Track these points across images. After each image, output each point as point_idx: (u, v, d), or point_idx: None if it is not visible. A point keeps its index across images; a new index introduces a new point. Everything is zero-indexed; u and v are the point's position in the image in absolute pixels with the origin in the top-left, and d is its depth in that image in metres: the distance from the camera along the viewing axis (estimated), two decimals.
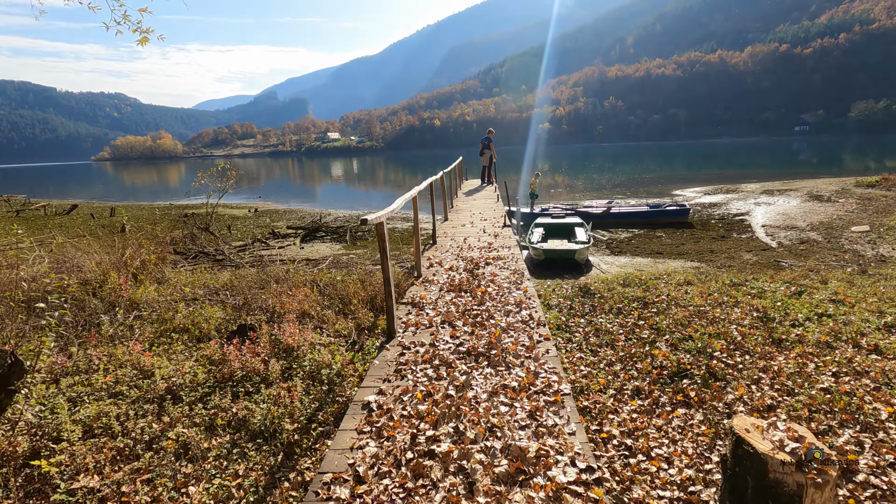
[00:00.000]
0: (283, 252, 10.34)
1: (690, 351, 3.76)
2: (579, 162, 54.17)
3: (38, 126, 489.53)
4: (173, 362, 3.72)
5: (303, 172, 64.46)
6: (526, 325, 3.73)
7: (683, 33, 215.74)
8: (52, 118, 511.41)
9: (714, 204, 15.36)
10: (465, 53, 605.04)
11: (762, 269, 7.33)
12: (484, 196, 12.49)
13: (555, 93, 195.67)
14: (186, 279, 6.51)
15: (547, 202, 18.43)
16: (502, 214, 9.26)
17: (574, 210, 13.11)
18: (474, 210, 10.13)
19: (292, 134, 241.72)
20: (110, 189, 41.04)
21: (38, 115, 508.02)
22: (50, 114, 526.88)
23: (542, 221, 10.60)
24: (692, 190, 20.79)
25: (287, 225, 13.72)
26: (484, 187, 14.60)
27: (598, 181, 27.85)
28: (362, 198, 26.56)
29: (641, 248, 9.40)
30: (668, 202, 14.49)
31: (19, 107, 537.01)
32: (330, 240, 11.70)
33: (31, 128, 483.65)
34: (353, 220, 15.28)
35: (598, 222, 12.26)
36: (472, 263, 5.59)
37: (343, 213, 17.75)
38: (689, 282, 5.87)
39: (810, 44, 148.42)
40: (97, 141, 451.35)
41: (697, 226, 11.75)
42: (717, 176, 28.40)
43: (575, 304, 5.17)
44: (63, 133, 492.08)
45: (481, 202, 11.31)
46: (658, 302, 5.03)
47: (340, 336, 4.43)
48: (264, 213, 18.29)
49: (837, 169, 30.36)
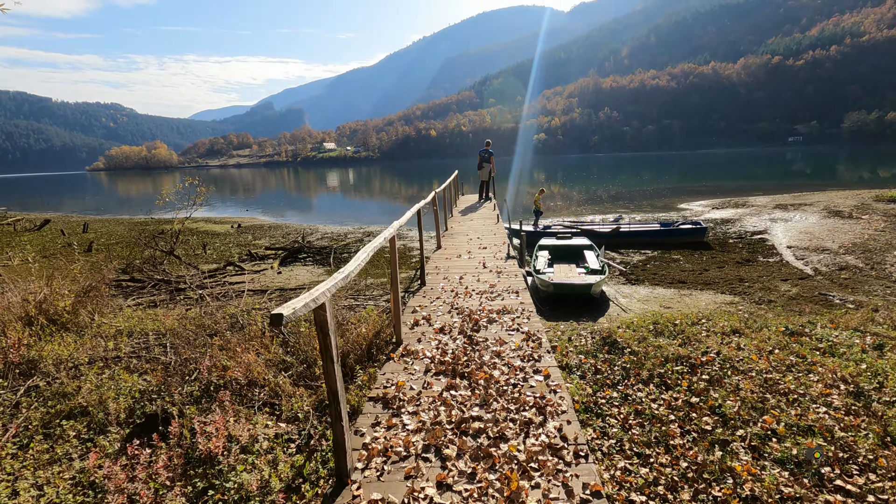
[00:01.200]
0: (257, 278, 9.20)
1: (784, 462, 2.65)
2: (576, 173, 53.45)
3: (33, 136, 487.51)
4: (35, 482, 2.56)
5: (297, 183, 63.43)
6: (558, 458, 2.35)
7: (677, 45, 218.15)
8: (46, 128, 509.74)
9: (727, 220, 14.36)
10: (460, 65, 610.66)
11: (808, 305, 6.27)
12: (483, 216, 11.43)
13: (550, 103, 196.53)
14: (122, 323, 5.36)
15: (547, 217, 17.45)
16: (504, 241, 8.17)
17: (579, 228, 12.06)
18: (472, 234, 9.03)
19: (288, 144, 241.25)
20: (98, 200, 39.76)
21: (34, 125, 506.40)
22: (45, 124, 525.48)
23: (546, 243, 9.51)
24: (699, 204, 19.85)
25: (267, 245, 12.58)
26: (482, 204, 13.53)
27: (598, 194, 26.92)
28: (357, 209, 25.45)
29: (660, 275, 8.32)
30: (681, 219, 13.47)
31: (14, 117, 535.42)
32: (312, 262, 10.57)
33: (26, 138, 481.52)
34: (341, 237, 14.17)
35: (606, 242, 11.22)
36: (469, 320, 4.33)
37: (332, 228, 16.64)
38: (736, 330, 4.78)
39: (802, 56, 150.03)
40: (92, 151, 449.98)
41: (715, 246, 10.71)
42: (720, 188, 27.57)
43: (600, 365, 4.06)
44: (58, 143, 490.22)
45: (480, 223, 10.23)
46: (708, 363, 3.94)
47: (295, 420, 3.30)
48: (248, 228, 17.15)
49: (833, 180, 29.66)
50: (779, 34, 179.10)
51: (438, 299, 5.04)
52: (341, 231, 15.86)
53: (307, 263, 10.53)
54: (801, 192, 22.41)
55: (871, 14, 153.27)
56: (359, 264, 2.90)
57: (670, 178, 39.62)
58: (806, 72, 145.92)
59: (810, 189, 23.97)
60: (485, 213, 11.93)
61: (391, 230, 3.81)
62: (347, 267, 2.66)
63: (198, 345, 4.77)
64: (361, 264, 2.96)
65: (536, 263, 8.14)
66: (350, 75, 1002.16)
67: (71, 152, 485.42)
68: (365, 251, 3.11)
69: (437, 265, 6.69)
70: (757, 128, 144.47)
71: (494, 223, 10.15)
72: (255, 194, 41.84)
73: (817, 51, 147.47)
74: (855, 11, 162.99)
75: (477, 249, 7.59)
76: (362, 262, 2.92)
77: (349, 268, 2.66)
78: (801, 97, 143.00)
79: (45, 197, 48.89)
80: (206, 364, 4.03)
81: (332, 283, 2.27)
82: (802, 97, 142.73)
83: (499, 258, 6.89)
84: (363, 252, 3.08)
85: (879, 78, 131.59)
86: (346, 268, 2.63)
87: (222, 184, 68.33)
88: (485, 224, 10.08)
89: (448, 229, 9.60)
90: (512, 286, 5.38)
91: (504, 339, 3.86)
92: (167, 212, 23.46)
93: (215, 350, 4.35)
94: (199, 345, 4.77)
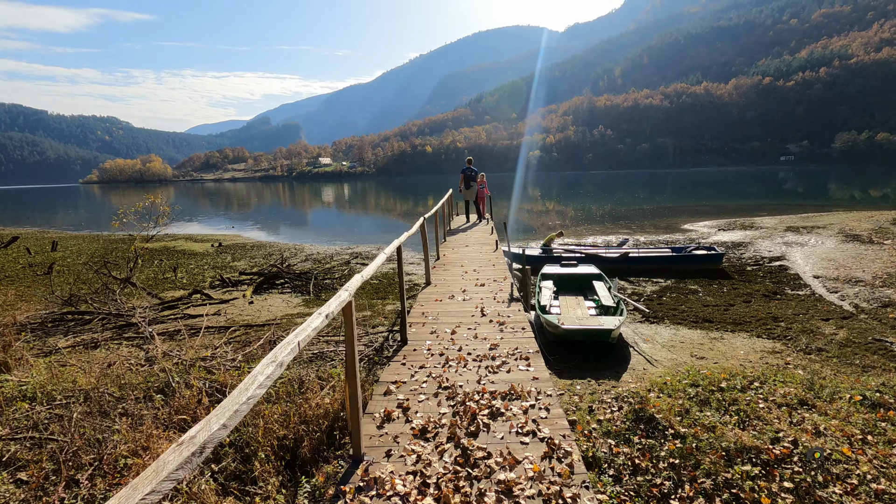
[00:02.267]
0: (225, 309, 8.12)
1: None
2: (572, 190, 52.99)
3: (27, 148, 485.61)
4: None
5: (291, 197, 62.55)
6: None
7: (669, 65, 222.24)
8: (41, 140, 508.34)
9: (738, 244, 13.49)
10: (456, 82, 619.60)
11: (866, 355, 5.29)
12: (479, 240, 10.36)
13: (545, 121, 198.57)
14: (31, 379, 4.27)
15: None
16: (506, 275, 7.16)
17: (583, 253, 11.10)
18: (467, 263, 7.99)
19: (284, 159, 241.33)
20: (83, 214, 38.50)
21: (28, 137, 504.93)
22: (40, 136, 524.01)
23: (550, 271, 8.52)
24: (704, 224, 19.05)
25: (242, 269, 11.50)
26: (476, 226, 12.51)
27: (597, 212, 26.15)
28: (349, 224, 24.37)
29: (681, 312, 7.33)
30: (692, 243, 12.54)
31: (9, 129, 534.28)
32: (290, 289, 9.51)
33: (20, 150, 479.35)
34: (326, 259, 13.13)
35: (613, 268, 10.27)
36: (464, 412, 3.06)
37: (318, 248, 15.60)
38: (803, 401, 3.77)
39: (792, 77, 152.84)
40: (86, 163, 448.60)
41: (733, 275, 9.78)
42: (722, 208, 26.90)
43: (638, 458, 3.03)
44: (52, 155, 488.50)
45: (476, 251, 9.18)
46: (784, 457, 2.92)
47: None
48: (229, 247, 16.06)
49: (829, 200, 29.17)
50: (769, 56, 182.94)
51: (423, 369, 3.87)
52: (327, 252, 14.81)
53: (284, 290, 9.47)
54: (808, 212, 21.73)
55: (858, 38, 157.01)
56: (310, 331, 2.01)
57: (667, 196, 39.15)
58: (796, 93, 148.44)
59: (815, 210, 23.32)
60: (481, 236, 10.90)
61: (350, 290, 2.68)
62: None
63: (114, 417, 3.70)
64: (311, 334, 2.00)
65: (541, 297, 7.13)
66: (347, 91, 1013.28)
67: (65, 165, 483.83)
68: (315, 318, 2.10)
69: (424, 309, 5.61)
70: (749, 147, 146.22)
71: (492, 251, 9.10)
72: (248, 209, 40.78)
73: (807, 72, 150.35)
74: (843, 35, 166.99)
75: (473, 286, 6.55)
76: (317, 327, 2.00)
77: None
78: (792, 117, 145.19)
79: (32, 210, 47.59)
80: (107, 452, 2.96)
81: None
82: (793, 117, 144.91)
83: (500, 300, 5.83)
84: (316, 318, 2.08)
85: (868, 99, 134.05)
86: None
87: (216, 198, 67.37)
88: (482, 252, 9.03)
89: (440, 258, 8.55)
90: (520, 347, 4.23)
91: (515, 452, 2.62)
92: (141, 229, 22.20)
93: (124, 430, 3.28)
94: (115, 416, 3.70)
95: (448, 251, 9.16)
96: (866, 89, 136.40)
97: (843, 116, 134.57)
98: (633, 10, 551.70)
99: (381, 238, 18.51)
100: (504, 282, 6.70)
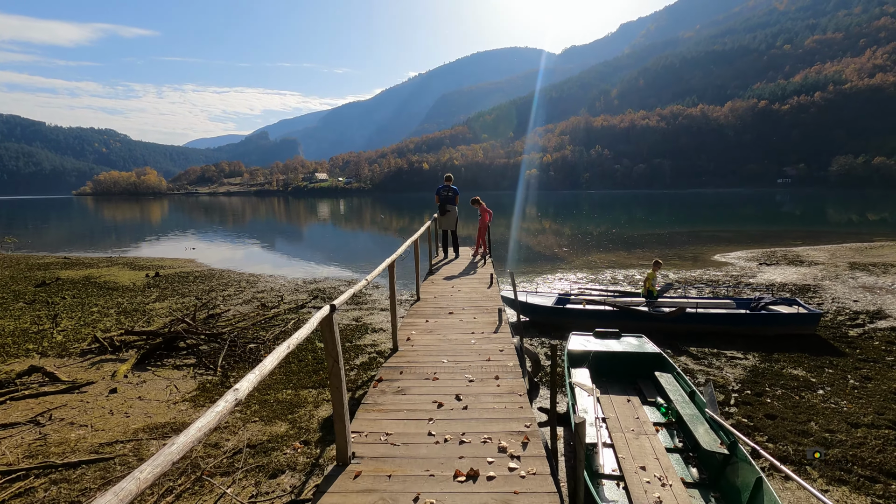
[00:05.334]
0: (66, 402, 5.10)
1: None
2: (574, 211, 50.43)
3: (23, 159, 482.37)
4: None
5: (281, 212, 59.74)
6: None
7: (665, 87, 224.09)
8: (37, 151, 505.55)
9: (803, 288, 10.61)
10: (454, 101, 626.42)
11: None
12: (471, 298, 6.55)
13: (542, 140, 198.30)
14: None
15: (556, 272, 13.57)
16: (513, 360, 4.20)
17: (614, 302, 8.14)
18: (454, 341, 4.81)
19: (280, 173, 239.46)
20: (29, 231, 35.29)
21: (24, 148, 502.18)
22: (36, 147, 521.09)
23: (582, 347, 5.44)
24: (737, 255, 16.23)
25: (130, 329, 8.41)
26: (473, 269, 8.77)
27: (605, 237, 23.31)
28: (330, 245, 21.07)
29: (811, 432, 4.38)
30: (762, 294, 9.36)
31: (6, 139, 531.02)
32: (194, 360, 6.47)
33: (15, 161, 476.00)
34: (275, 301, 10.09)
35: (657, 328, 7.37)
36: None
37: (278, 281, 12.55)
38: None
39: (787, 101, 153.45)
40: (82, 175, 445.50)
41: (836, 342, 6.87)
42: (743, 234, 24.20)
43: None
44: (48, 167, 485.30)
45: (469, 319, 5.56)
46: None
47: None
48: (166, 279, 12.99)
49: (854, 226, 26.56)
50: (763, 80, 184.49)
51: None
52: (286, 286, 11.77)
53: (185, 361, 6.42)
54: (847, 242, 18.98)
55: (851, 63, 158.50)
56: None
57: (676, 218, 36.62)
58: (792, 116, 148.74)
59: (852, 238, 20.63)
60: (474, 287, 7.20)
61: None
62: None
63: None
64: None
65: (576, 402, 4.18)
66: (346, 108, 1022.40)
67: (60, 176, 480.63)
68: None
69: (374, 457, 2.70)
70: (746, 169, 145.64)
71: (493, 323, 5.40)
72: (229, 224, 37.67)
73: (802, 96, 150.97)
74: (836, 61, 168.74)
75: (465, 387, 3.63)
76: None
77: None
78: (788, 140, 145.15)
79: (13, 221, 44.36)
80: None
81: None
82: (789, 140, 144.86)
83: (514, 436, 2.90)
84: None
85: (863, 124, 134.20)
86: None
87: (210, 211, 64.46)
88: (475, 320, 5.53)
89: (412, 334, 5.07)
90: None
91: None
92: (90, 250, 18.61)
93: None
94: None
95: (427, 308, 6.07)
96: (861, 114, 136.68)
97: (838, 140, 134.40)
98: (627, 35, 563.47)
99: (359, 265, 15.50)
100: (515, 378, 3.74)
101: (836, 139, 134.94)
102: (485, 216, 9.95)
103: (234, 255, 18.89)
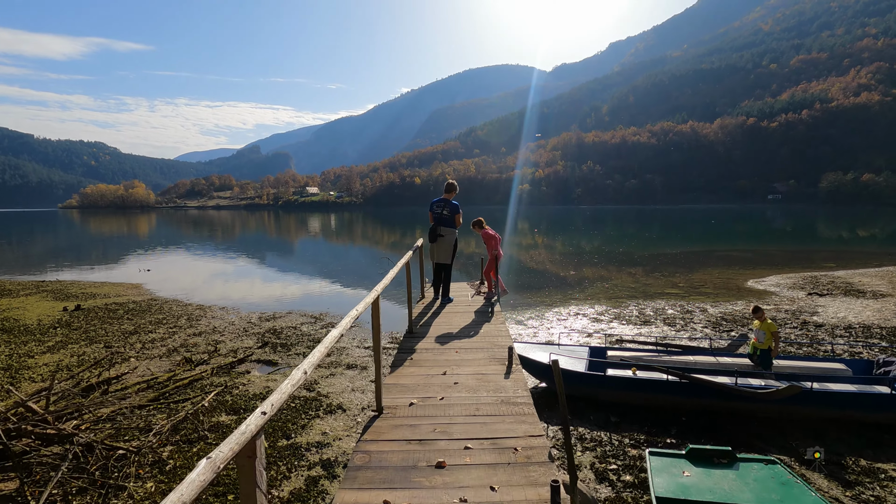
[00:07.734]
0: None
1: None
2: (568, 226, 48.75)
3: (9, 172, 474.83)
4: None
5: (269, 226, 57.43)
6: None
7: (655, 104, 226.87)
8: (24, 164, 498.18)
9: (890, 330, 8.66)
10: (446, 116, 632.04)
11: None
12: (476, 394, 3.81)
13: (534, 155, 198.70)
14: None
15: (570, 305, 11.44)
16: None
17: (672, 369, 5.77)
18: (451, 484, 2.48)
19: (271, 187, 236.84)
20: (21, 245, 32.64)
21: (11, 160, 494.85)
22: (23, 160, 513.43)
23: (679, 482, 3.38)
24: (773, 281, 14.31)
25: None
26: (478, 325, 5.93)
27: (613, 259, 21.36)
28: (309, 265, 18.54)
29: None
30: (882, 350, 7.11)
31: None
32: (17, 479, 4.25)
33: (1, 173, 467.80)
34: (230, 336, 7.87)
35: (746, 409, 5.26)
36: None
37: (228, 317, 10.33)
38: None
39: (776, 118, 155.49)
40: (69, 188, 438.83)
41: None
42: (763, 255, 22.41)
43: None
44: (34, 179, 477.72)
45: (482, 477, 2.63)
46: None
47: None
48: (89, 315, 10.68)
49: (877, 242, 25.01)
50: (751, 98, 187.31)
51: None
52: (231, 325, 9.52)
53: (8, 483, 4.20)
54: (881, 262, 17.21)
55: (836, 82, 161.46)
56: None
57: (682, 236, 35.01)
58: (780, 133, 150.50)
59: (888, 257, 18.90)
60: (480, 371, 4.34)
61: None
62: None
63: None
64: None
65: None
66: (338, 123, 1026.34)
67: (48, 189, 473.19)
68: None
69: None
70: (736, 185, 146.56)
71: (517, 414, 3.36)
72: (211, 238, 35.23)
73: (789, 114, 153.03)
74: (821, 79, 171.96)
75: None
76: None
77: None
78: (777, 157, 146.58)
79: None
80: None
81: None
82: (778, 157, 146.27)
83: None
84: None
85: (850, 141, 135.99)
86: None
87: (198, 225, 61.96)
88: (485, 425, 3.23)
89: (382, 444, 2.94)
90: None
91: None
92: (29, 271, 15.80)
93: None
94: None
95: (410, 394, 3.78)
96: (848, 131, 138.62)
97: (826, 157, 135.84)
98: (617, 54, 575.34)
99: (334, 291, 13.29)
100: None
101: (824, 156, 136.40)
102: (491, 243, 7.14)
103: (192, 279, 16.58)
